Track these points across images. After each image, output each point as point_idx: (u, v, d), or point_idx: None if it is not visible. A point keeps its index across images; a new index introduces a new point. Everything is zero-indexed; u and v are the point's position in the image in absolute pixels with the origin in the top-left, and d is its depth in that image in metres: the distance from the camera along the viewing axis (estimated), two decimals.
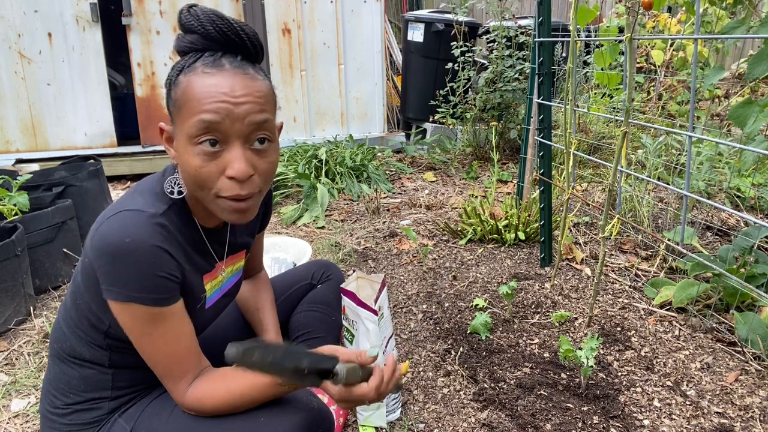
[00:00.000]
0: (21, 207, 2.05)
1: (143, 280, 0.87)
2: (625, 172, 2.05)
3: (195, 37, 0.90)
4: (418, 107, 4.60)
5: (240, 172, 0.86)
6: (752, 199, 2.74)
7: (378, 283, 1.32)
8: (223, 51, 0.91)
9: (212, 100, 0.85)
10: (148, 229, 0.88)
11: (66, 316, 1.03)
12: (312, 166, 3.43)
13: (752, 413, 1.37)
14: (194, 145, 0.86)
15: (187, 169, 0.88)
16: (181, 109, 0.87)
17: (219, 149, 0.87)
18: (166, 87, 0.92)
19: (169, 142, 0.95)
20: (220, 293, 1.12)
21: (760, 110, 1.39)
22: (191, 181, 0.90)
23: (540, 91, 2.06)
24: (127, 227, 0.87)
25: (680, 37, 1.74)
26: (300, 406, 0.98)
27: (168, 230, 0.92)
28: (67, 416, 1.02)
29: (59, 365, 1.03)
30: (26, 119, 3.69)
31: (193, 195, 0.96)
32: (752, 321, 1.60)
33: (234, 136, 0.87)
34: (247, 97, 0.87)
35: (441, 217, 2.82)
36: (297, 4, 4.13)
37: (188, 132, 0.86)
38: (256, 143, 0.89)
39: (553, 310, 1.87)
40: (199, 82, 0.86)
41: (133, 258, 0.86)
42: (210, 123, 0.84)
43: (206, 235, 1.04)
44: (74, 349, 1.01)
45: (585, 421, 1.33)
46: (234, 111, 0.85)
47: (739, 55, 5.35)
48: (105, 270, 0.88)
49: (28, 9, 3.55)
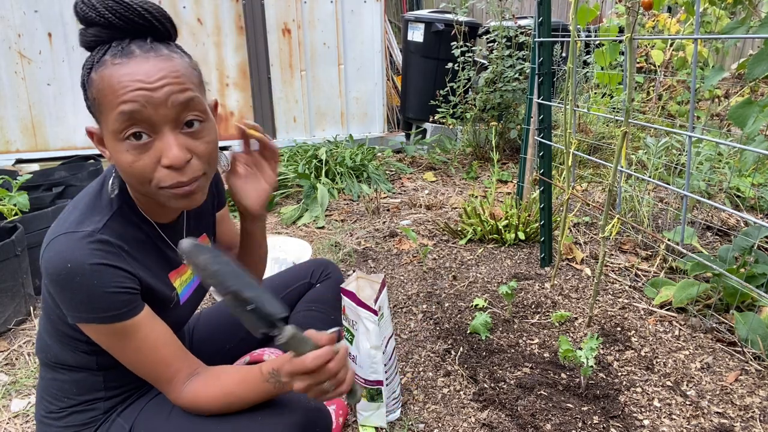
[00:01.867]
0: (21, 207, 2.05)
1: (95, 300, 0.84)
2: (625, 172, 2.05)
3: (96, 29, 0.83)
4: (418, 107, 4.60)
5: (175, 159, 0.82)
6: (752, 199, 2.74)
7: (378, 283, 1.32)
8: (131, 37, 0.84)
9: (127, 90, 0.79)
10: (84, 250, 0.84)
11: (45, 327, 1.01)
12: (312, 166, 3.43)
13: (752, 413, 1.37)
14: (121, 141, 0.82)
15: (122, 166, 0.83)
16: (100, 107, 0.82)
17: (149, 140, 0.82)
18: (82, 88, 0.86)
19: (101, 144, 0.89)
20: (193, 286, 1.10)
21: (760, 110, 1.39)
22: (129, 178, 0.86)
23: (540, 91, 2.06)
24: (63, 252, 0.84)
25: (680, 37, 1.74)
26: (297, 406, 0.98)
27: (109, 243, 0.87)
28: (63, 419, 1.02)
29: (50, 372, 1.03)
30: (26, 119, 3.69)
31: (137, 192, 0.93)
32: (752, 321, 1.60)
33: (161, 123, 0.81)
34: (164, 80, 0.81)
35: (441, 217, 2.82)
36: (297, 4, 4.13)
37: (112, 128, 0.81)
38: (186, 126, 0.84)
39: (553, 310, 1.87)
40: (111, 74, 0.80)
41: (79, 281, 0.83)
42: (131, 114, 0.79)
43: (163, 231, 1.00)
44: (60, 356, 1.00)
45: (585, 421, 1.33)
46: (153, 96, 0.80)
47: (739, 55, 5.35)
48: (59, 297, 0.87)
49: (28, 9, 3.55)
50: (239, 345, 1.41)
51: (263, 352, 1.38)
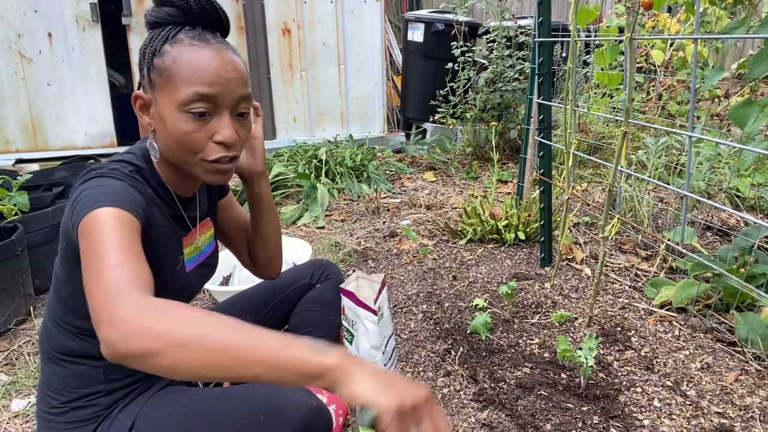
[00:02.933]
0: (21, 207, 2.05)
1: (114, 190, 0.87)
2: (625, 172, 2.05)
3: (174, 10, 0.94)
4: (418, 107, 4.60)
5: (230, 137, 0.94)
6: (752, 199, 2.74)
7: (378, 283, 1.32)
8: (202, 26, 0.96)
9: (208, 74, 0.91)
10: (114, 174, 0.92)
11: (51, 313, 1.03)
12: (312, 166, 3.43)
13: (752, 413, 1.37)
14: (185, 113, 0.91)
15: (175, 134, 0.93)
16: (171, 78, 0.91)
17: (209, 118, 0.93)
18: (147, 55, 0.94)
19: (143, 110, 0.98)
20: (200, 259, 1.16)
21: (760, 110, 1.39)
22: (178, 145, 0.94)
23: (540, 91, 2.06)
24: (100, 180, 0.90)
25: (680, 37, 1.74)
26: (298, 405, 0.99)
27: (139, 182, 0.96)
28: (64, 415, 1.02)
29: (50, 366, 1.04)
30: (26, 119, 3.69)
31: (170, 162, 1.00)
32: (752, 321, 1.60)
33: (223, 107, 0.94)
34: (236, 73, 0.95)
35: (441, 217, 2.82)
36: (297, 4, 4.13)
37: (180, 100, 0.91)
38: (238, 115, 0.97)
39: (553, 310, 1.87)
40: (191, 53, 0.91)
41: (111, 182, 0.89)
42: (206, 95, 0.91)
43: (180, 203, 1.08)
44: (63, 344, 1.01)
45: (585, 421, 1.33)
46: (227, 85, 0.93)
47: (739, 55, 5.35)
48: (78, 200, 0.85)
49: (28, 9, 3.55)
50: None
51: None
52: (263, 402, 0.99)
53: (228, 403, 1.01)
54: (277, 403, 0.99)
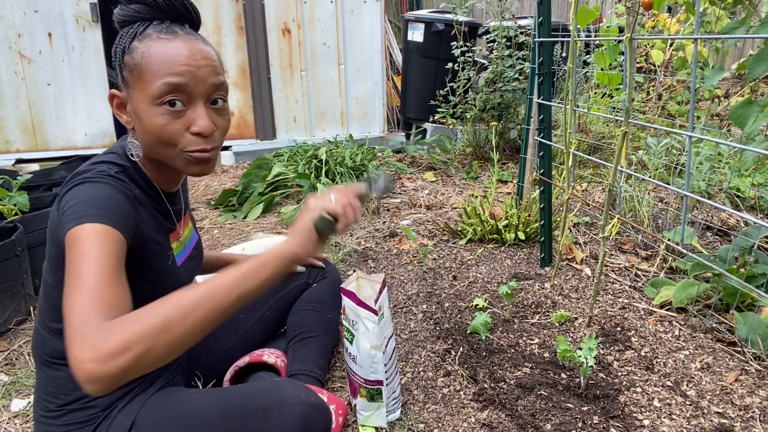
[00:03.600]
0: (21, 207, 2.05)
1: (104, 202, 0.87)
2: (625, 172, 2.05)
3: (141, 6, 0.95)
4: (418, 107, 4.60)
5: (205, 128, 0.94)
6: (752, 199, 2.74)
7: (378, 283, 1.32)
8: (170, 20, 0.97)
9: (177, 64, 0.91)
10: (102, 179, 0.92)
11: (43, 319, 1.03)
12: (312, 166, 3.43)
13: (752, 413, 1.37)
14: (158, 106, 0.92)
15: (151, 128, 0.93)
16: (142, 73, 0.92)
17: (183, 109, 0.93)
18: (118, 54, 0.95)
19: (120, 108, 0.99)
20: (186, 253, 1.16)
21: (760, 110, 1.39)
22: (155, 140, 0.94)
23: (540, 91, 2.06)
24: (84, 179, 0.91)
25: (680, 37, 1.74)
26: (298, 401, 0.99)
27: (125, 184, 0.96)
28: (61, 417, 1.02)
29: (45, 370, 1.04)
30: (26, 119, 3.69)
31: (153, 157, 1.01)
32: (752, 321, 1.60)
33: (197, 97, 0.94)
34: (206, 61, 0.95)
35: (441, 217, 2.82)
36: (297, 4, 4.13)
37: (152, 94, 0.91)
38: (212, 103, 0.97)
39: (553, 310, 1.87)
40: (159, 47, 0.92)
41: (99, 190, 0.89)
42: (176, 85, 0.91)
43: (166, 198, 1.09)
44: (56, 348, 1.01)
45: (585, 421, 1.33)
46: (197, 74, 0.93)
47: (739, 55, 5.35)
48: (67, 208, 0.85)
49: (28, 9, 3.55)
50: (237, 345, 1.41)
51: (263, 352, 1.39)
52: (262, 399, 0.99)
53: (226, 401, 1.01)
54: (275, 400, 0.99)
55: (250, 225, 2.85)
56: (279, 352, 1.40)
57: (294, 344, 1.41)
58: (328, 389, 1.50)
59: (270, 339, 1.51)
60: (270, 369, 1.39)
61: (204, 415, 0.99)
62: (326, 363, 1.47)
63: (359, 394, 1.33)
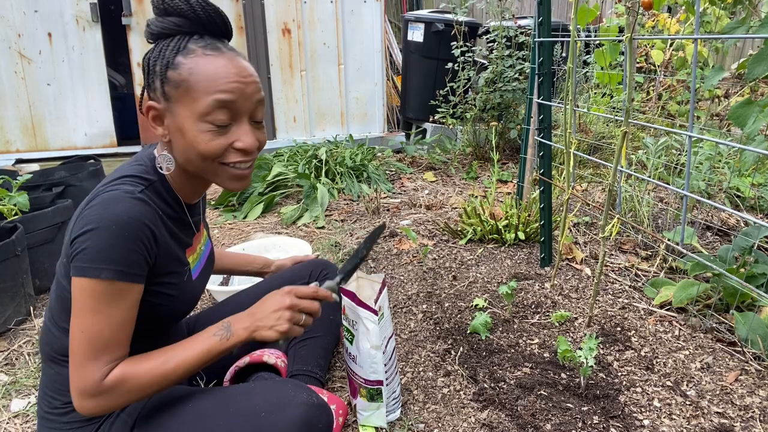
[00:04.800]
0: (21, 207, 2.05)
1: (117, 251, 0.89)
2: (625, 172, 2.05)
3: (181, 20, 0.95)
4: (418, 107, 4.60)
5: (250, 144, 0.97)
6: (752, 199, 2.74)
7: (378, 283, 1.32)
8: (209, 35, 0.97)
9: (226, 81, 0.93)
10: (126, 203, 0.91)
11: (53, 317, 1.03)
12: (312, 166, 3.43)
13: (752, 413, 1.37)
14: (204, 122, 0.94)
15: (196, 143, 0.94)
16: (189, 90, 0.93)
17: (228, 124, 0.95)
18: (159, 68, 0.94)
19: (156, 121, 0.98)
20: (201, 265, 1.18)
21: (760, 110, 1.39)
22: (198, 155, 0.96)
23: (540, 91, 2.06)
24: (107, 203, 0.91)
25: (680, 37, 1.74)
26: (300, 402, 0.99)
27: (147, 203, 0.95)
28: (66, 415, 1.02)
29: (53, 367, 1.04)
30: (26, 119, 3.69)
31: (189, 170, 1.02)
32: (752, 321, 1.60)
33: (243, 114, 0.96)
34: (252, 78, 0.97)
35: (441, 217, 2.82)
36: (297, 4, 4.13)
37: (200, 110, 0.93)
38: (254, 121, 1.00)
39: (553, 310, 1.87)
40: (207, 63, 0.93)
41: (114, 230, 0.89)
42: (226, 102, 0.93)
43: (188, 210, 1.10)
44: (65, 346, 1.01)
45: (585, 421, 1.33)
46: (245, 90, 0.95)
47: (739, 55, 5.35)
48: (84, 246, 0.89)
49: (28, 9, 3.55)
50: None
51: (263, 352, 1.39)
52: (264, 400, 0.99)
53: (229, 401, 1.02)
54: (277, 400, 0.99)
55: (250, 225, 2.85)
56: (279, 353, 1.40)
57: (295, 344, 1.41)
58: (328, 389, 1.50)
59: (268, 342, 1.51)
60: (270, 369, 1.39)
61: (206, 414, 0.99)
62: (327, 363, 1.47)
63: (359, 394, 1.33)
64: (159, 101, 0.96)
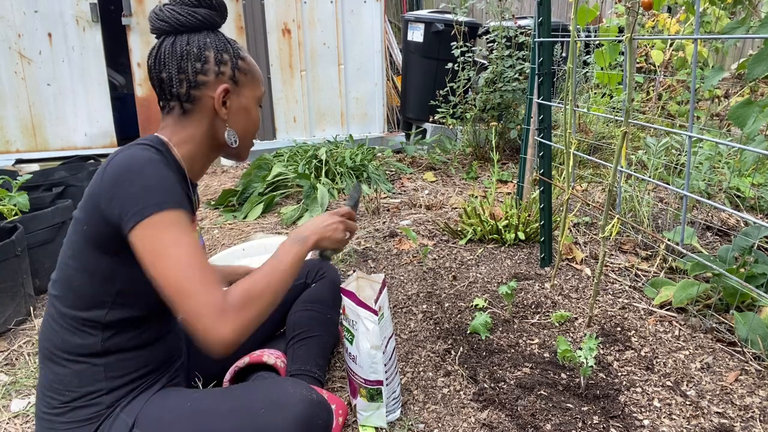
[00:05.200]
0: (21, 207, 2.05)
1: (163, 184, 0.94)
2: (625, 172, 2.05)
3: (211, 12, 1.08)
4: (418, 107, 4.60)
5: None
6: (752, 199, 2.74)
7: (378, 283, 1.32)
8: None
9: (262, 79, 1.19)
10: (147, 153, 0.98)
11: (55, 309, 1.04)
12: (312, 166, 3.43)
13: (752, 413, 1.37)
14: (257, 105, 1.17)
15: (254, 121, 1.18)
16: (253, 78, 1.15)
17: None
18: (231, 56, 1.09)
19: (223, 102, 1.10)
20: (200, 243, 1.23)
21: (760, 110, 1.39)
22: (254, 130, 1.19)
23: (540, 91, 2.06)
24: (132, 154, 0.97)
25: (680, 37, 1.74)
26: (300, 399, 0.99)
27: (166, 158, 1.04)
28: (65, 415, 1.02)
29: (51, 366, 1.04)
30: (26, 119, 3.69)
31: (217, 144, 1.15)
32: (752, 321, 1.60)
33: None
34: None
35: (441, 217, 2.82)
36: (297, 4, 4.13)
37: (258, 95, 1.17)
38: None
39: (553, 310, 1.87)
40: (253, 64, 1.16)
41: (148, 171, 0.94)
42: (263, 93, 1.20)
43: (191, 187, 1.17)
44: (65, 341, 1.02)
45: (585, 421, 1.33)
46: None
47: (739, 56, 5.35)
48: (126, 193, 0.92)
49: (28, 9, 3.55)
50: None
51: (262, 353, 1.39)
52: (263, 397, 1.00)
53: (229, 398, 1.02)
54: (277, 398, 0.99)
55: (250, 225, 2.85)
56: (278, 353, 1.40)
57: (293, 344, 1.41)
58: (328, 389, 1.50)
59: (269, 339, 1.51)
60: (270, 369, 1.39)
61: (206, 412, 1.00)
62: (326, 363, 1.47)
63: (359, 394, 1.33)
64: (228, 84, 1.09)
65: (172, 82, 1.06)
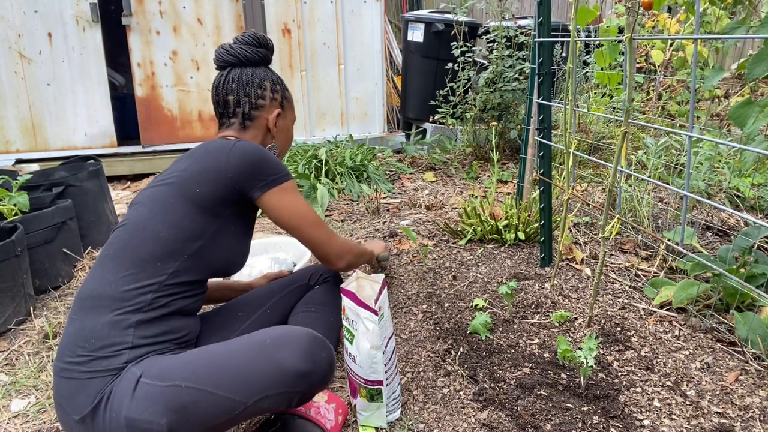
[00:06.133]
0: (21, 207, 2.05)
1: (281, 163, 1.31)
2: (625, 172, 2.05)
3: (267, 52, 1.45)
4: (418, 107, 4.60)
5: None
6: (752, 199, 2.74)
7: (378, 283, 1.32)
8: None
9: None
10: None
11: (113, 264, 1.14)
12: (312, 166, 3.43)
13: (752, 413, 1.37)
14: (292, 125, 1.52)
15: (291, 138, 1.53)
16: (292, 105, 1.51)
17: None
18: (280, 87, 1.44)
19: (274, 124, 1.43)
20: None
21: (760, 110, 1.39)
22: (288, 146, 1.53)
23: (540, 91, 2.06)
24: (251, 144, 1.29)
25: (680, 37, 1.74)
26: (304, 332, 1.10)
27: None
28: (86, 364, 1.06)
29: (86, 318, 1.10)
30: (26, 119, 3.69)
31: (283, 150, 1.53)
32: (752, 321, 1.60)
33: None
34: None
35: (441, 217, 2.82)
36: (297, 4, 4.13)
37: (293, 118, 1.52)
38: None
39: (553, 310, 1.87)
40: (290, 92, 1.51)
41: (269, 152, 1.30)
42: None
43: None
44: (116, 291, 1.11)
45: (585, 421, 1.33)
46: None
47: (739, 56, 5.35)
48: (259, 169, 1.24)
49: (28, 9, 3.55)
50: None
51: None
52: (270, 333, 1.10)
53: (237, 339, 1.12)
54: (281, 332, 1.11)
55: None
56: None
57: None
58: (328, 389, 1.50)
59: None
60: None
61: (212, 351, 1.08)
62: None
63: (359, 394, 1.33)
64: (279, 108, 1.43)
65: (239, 103, 1.37)
